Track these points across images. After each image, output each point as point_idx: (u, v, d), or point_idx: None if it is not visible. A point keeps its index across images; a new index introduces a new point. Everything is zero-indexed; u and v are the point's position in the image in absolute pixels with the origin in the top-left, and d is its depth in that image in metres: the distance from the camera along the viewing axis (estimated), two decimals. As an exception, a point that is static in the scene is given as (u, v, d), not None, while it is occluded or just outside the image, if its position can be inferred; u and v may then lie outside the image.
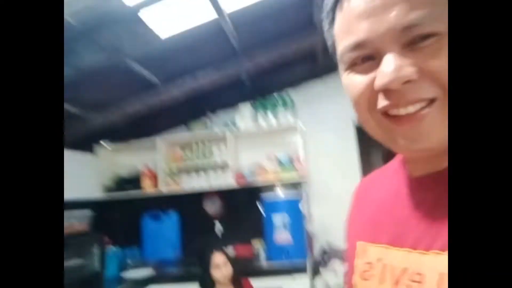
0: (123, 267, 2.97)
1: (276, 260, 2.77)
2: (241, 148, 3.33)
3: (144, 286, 2.69)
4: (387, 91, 0.40)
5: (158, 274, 2.86)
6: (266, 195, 2.93)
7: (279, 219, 2.80)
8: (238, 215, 3.33)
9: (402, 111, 0.39)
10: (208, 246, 2.27)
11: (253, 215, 3.25)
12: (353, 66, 0.43)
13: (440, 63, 0.37)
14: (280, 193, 2.95)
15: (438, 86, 0.38)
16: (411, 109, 0.39)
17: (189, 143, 3.27)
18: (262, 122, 3.22)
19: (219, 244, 2.42)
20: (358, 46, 0.41)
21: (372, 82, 0.41)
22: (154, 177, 3.28)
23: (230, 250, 3.04)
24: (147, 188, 3.24)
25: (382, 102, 0.41)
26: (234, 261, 2.22)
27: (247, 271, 2.57)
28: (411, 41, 0.38)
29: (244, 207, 3.29)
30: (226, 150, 3.16)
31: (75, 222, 2.53)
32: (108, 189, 3.32)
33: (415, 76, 0.38)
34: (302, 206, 2.82)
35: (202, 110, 3.36)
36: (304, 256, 2.72)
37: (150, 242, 3.27)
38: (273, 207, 2.86)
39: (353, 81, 0.43)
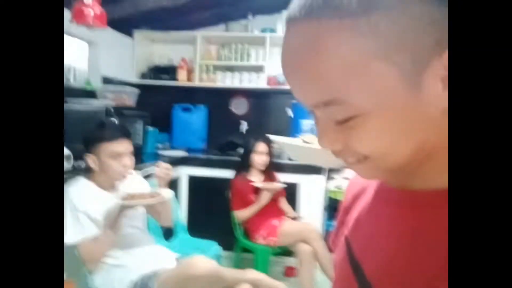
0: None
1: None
2: (276, 55, 3.46)
3: (176, 165, 2.98)
4: None
5: (188, 158, 3.17)
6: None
7: (308, 123, 3.06)
8: (265, 117, 3.59)
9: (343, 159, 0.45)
10: (254, 136, 2.58)
11: (280, 118, 3.52)
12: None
13: (360, 143, 0.40)
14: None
15: (362, 154, 0.41)
16: (350, 159, 0.43)
17: (228, 42, 3.38)
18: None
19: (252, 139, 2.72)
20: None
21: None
22: (189, 71, 3.43)
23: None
24: (182, 80, 3.41)
25: None
26: (271, 153, 2.55)
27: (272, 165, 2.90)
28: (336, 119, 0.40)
29: (272, 110, 3.55)
30: (263, 54, 3.29)
31: (125, 96, 2.71)
32: (144, 76, 3.47)
33: (342, 148, 0.42)
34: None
35: (243, 12, 3.41)
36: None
37: (179, 131, 3.52)
38: (303, 111, 3.10)
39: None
